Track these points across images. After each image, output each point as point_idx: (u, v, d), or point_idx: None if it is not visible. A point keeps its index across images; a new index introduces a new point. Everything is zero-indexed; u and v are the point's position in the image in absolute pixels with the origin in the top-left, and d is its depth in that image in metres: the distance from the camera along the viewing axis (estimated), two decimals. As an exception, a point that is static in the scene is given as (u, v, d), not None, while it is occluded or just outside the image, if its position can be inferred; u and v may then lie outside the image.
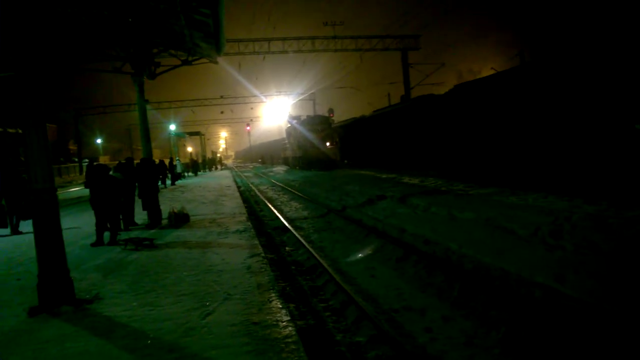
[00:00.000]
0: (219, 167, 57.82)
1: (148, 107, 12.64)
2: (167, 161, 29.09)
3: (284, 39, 35.06)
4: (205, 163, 49.45)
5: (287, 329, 4.43)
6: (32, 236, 5.54)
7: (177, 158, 34.61)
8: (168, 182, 28.07)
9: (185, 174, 36.05)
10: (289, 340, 4.18)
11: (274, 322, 4.62)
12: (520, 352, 4.46)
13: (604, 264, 5.99)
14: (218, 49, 11.69)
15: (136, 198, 11.73)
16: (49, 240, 5.46)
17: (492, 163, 14.45)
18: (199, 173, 41.04)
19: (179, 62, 13.16)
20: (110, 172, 10.12)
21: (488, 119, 14.57)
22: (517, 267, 6.47)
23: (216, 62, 13.86)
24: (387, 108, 29.64)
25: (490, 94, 14.36)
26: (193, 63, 13.29)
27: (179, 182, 28.54)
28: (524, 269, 6.33)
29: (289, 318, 4.74)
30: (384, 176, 20.38)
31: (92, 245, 9.18)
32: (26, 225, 10.66)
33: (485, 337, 4.81)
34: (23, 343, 4.54)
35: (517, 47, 69.54)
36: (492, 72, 18.13)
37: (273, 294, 5.53)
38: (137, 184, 11.82)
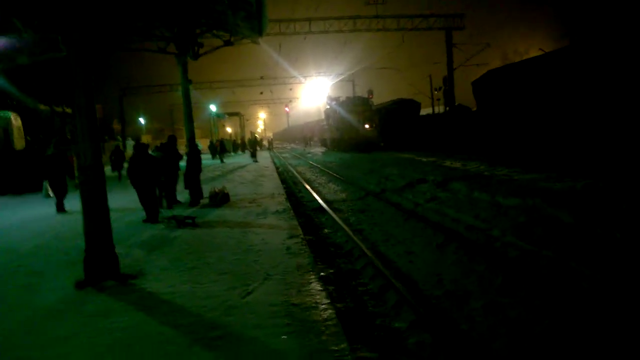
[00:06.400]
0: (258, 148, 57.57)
1: (190, 87, 12.77)
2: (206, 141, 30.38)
3: (325, 18, 34.62)
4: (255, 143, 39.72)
5: (327, 312, 4.42)
6: (78, 214, 5.71)
7: (226, 138, 36.77)
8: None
9: (232, 153, 37.64)
10: (329, 323, 4.17)
11: (314, 304, 4.62)
12: (564, 342, 4.31)
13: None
14: (260, 30, 11.64)
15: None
16: (96, 216, 5.63)
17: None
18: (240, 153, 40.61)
19: (222, 43, 13.19)
20: (150, 152, 10.29)
21: None
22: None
23: (258, 43, 13.82)
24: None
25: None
26: (235, 43, 13.28)
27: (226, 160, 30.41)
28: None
29: (328, 301, 4.73)
30: (424, 159, 20.05)
31: (144, 221, 9.43)
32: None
33: (529, 326, 4.68)
34: (70, 316, 4.70)
35: (563, 26, 66.47)
36: (540, 52, 17.71)
37: (312, 276, 5.53)
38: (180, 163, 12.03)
